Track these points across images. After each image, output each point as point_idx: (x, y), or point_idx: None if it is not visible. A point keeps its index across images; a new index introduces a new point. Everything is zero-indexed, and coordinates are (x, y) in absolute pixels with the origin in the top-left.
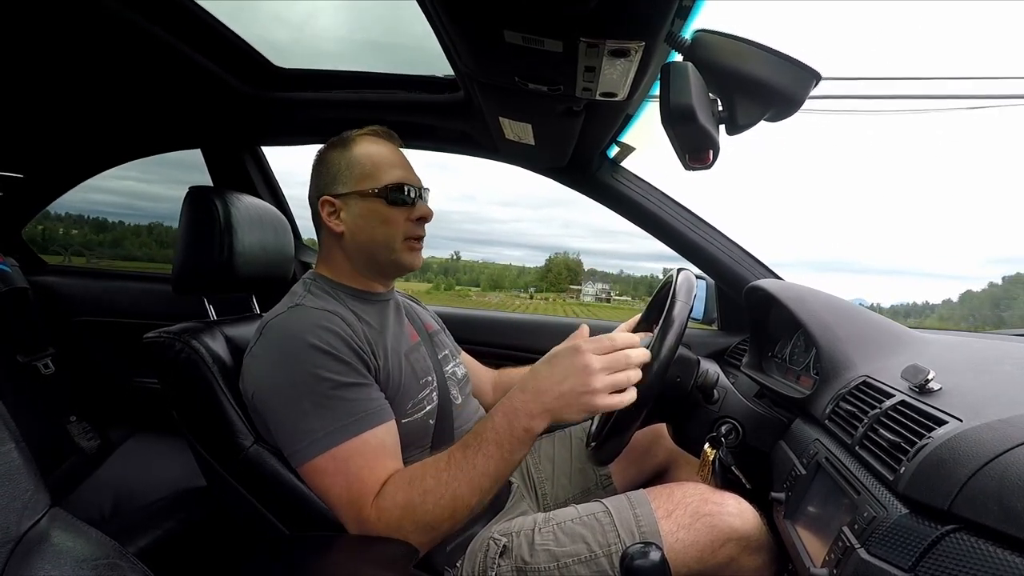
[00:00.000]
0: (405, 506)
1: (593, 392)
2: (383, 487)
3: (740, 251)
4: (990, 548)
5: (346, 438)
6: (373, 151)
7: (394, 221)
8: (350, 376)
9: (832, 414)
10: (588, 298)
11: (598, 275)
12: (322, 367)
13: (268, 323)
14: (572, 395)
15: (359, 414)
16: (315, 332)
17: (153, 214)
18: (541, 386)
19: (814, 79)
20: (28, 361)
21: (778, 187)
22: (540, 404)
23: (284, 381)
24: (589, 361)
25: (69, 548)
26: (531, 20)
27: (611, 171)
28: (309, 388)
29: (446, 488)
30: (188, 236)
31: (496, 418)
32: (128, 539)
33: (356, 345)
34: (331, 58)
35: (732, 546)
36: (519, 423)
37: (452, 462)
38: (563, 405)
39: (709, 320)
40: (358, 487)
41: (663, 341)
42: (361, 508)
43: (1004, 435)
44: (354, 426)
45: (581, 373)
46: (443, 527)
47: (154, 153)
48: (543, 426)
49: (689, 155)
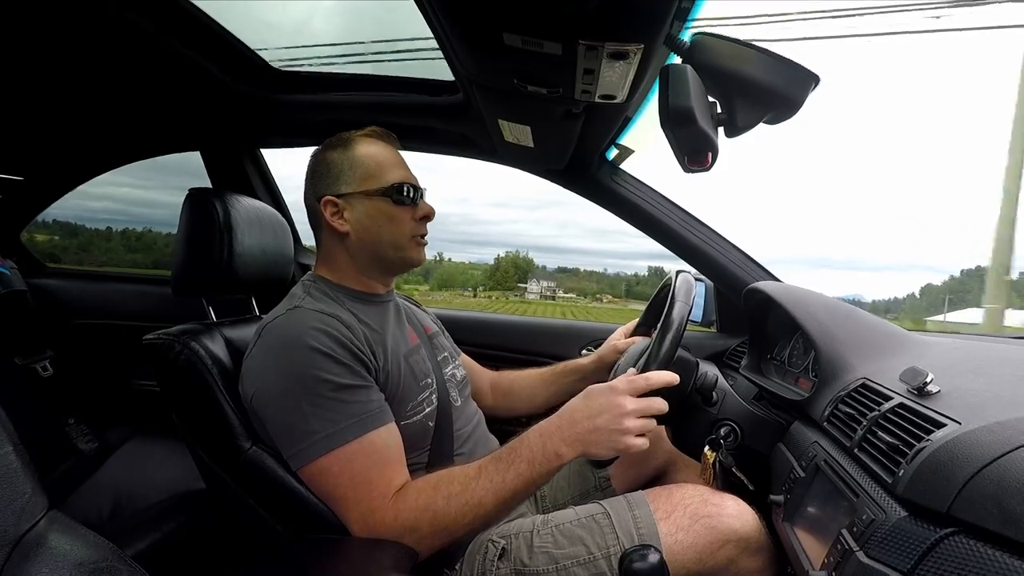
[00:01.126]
0: (426, 508)
1: (624, 431)
2: (405, 489)
3: (739, 253)
4: (989, 551)
5: (349, 439)
6: (375, 151)
7: (400, 220)
8: (349, 378)
9: (831, 416)
10: (533, 296)
11: (546, 273)
12: (321, 369)
13: (266, 326)
14: (604, 432)
15: (360, 415)
16: (314, 335)
17: (148, 220)
18: (576, 416)
19: (813, 81)
20: (27, 363)
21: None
22: (572, 432)
23: (283, 384)
24: (623, 402)
25: (67, 551)
26: (530, 22)
27: (610, 173)
28: (308, 390)
29: (472, 495)
30: (187, 238)
31: (531, 436)
32: (126, 542)
33: (355, 347)
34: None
35: (731, 548)
36: (551, 445)
37: (483, 472)
38: (594, 440)
39: (708, 322)
40: (365, 488)
41: (662, 343)
42: (371, 508)
43: (1003, 438)
44: (356, 427)
45: (615, 413)
46: (459, 533)
47: (153, 155)
48: (572, 455)
49: (688, 157)
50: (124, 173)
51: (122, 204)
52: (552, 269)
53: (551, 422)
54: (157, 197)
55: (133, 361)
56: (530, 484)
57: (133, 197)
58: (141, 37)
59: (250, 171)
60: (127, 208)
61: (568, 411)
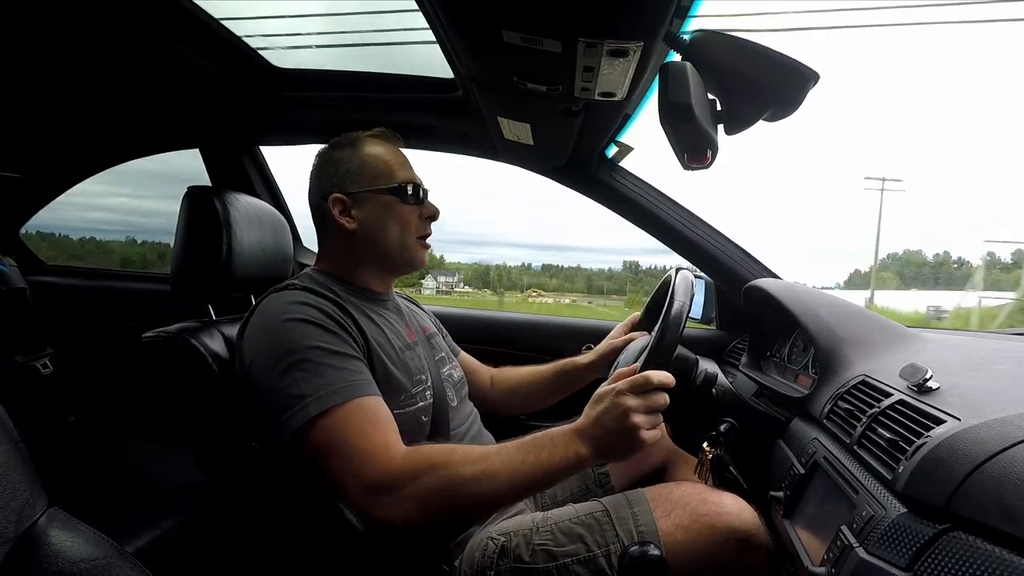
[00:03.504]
0: (440, 463)
1: (634, 429)
2: (417, 446)
3: (738, 250)
4: (988, 547)
5: (343, 400)
6: (383, 151)
7: (408, 219)
8: (338, 346)
9: (831, 413)
10: (428, 291)
11: (452, 268)
12: (311, 337)
13: (258, 303)
14: (616, 433)
15: (351, 381)
16: (302, 308)
17: (145, 229)
18: (589, 420)
19: (812, 79)
20: (27, 361)
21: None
22: (589, 434)
23: (275, 352)
24: (627, 401)
25: (67, 548)
26: (530, 20)
27: (610, 171)
28: (299, 356)
29: (488, 464)
30: (187, 236)
31: (554, 433)
32: (126, 539)
33: (343, 322)
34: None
35: (731, 545)
36: (572, 444)
37: (503, 450)
38: (610, 442)
39: (708, 319)
40: (361, 442)
41: (661, 340)
42: (372, 455)
43: (1002, 434)
44: (348, 391)
45: (621, 412)
46: (463, 503)
47: (152, 153)
48: (590, 456)
49: (688, 155)
50: (122, 184)
51: (120, 214)
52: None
53: (568, 428)
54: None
55: (133, 358)
56: (547, 474)
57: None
58: (141, 35)
59: (249, 169)
60: (125, 218)
61: (583, 417)
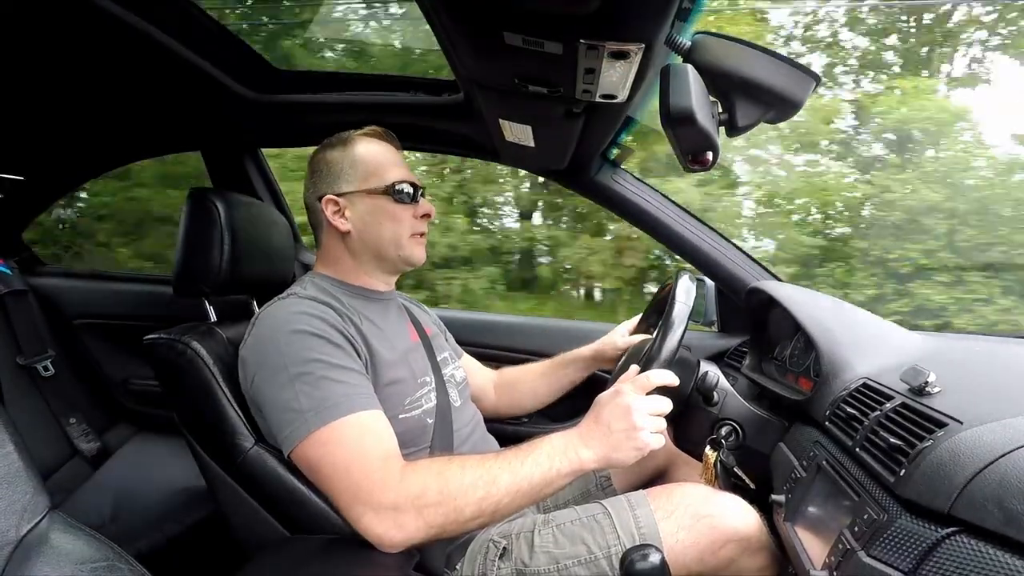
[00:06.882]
0: (438, 473)
1: (639, 430)
2: (413, 462)
3: (740, 253)
4: (990, 551)
5: (342, 415)
6: (375, 150)
7: (401, 218)
8: (340, 359)
9: (832, 416)
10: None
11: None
12: (312, 349)
13: (259, 314)
14: (620, 435)
15: (351, 396)
16: (304, 319)
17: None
18: (590, 426)
19: (814, 81)
20: (28, 363)
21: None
22: (591, 438)
23: (276, 366)
24: (631, 403)
25: (69, 550)
26: (531, 22)
27: (611, 173)
28: (301, 370)
29: (488, 471)
30: (188, 238)
31: (554, 438)
32: (128, 541)
33: (346, 333)
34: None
35: (732, 547)
36: (572, 448)
37: (501, 456)
38: (614, 445)
39: (709, 322)
40: (361, 458)
41: (663, 343)
42: (370, 475)
43: (1004, 437)
44: (347, 404)
45: (625, 414)
46: (465, 512)
47: (155, 155)
48: (592, 460)
49: (689, 157)
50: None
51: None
52: None
53: (570, 432)
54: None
55: (134, 360)
56: (547, 479)
57: None
58: (143, 38)
59: (251, 171)
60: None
61: (585, 422)
